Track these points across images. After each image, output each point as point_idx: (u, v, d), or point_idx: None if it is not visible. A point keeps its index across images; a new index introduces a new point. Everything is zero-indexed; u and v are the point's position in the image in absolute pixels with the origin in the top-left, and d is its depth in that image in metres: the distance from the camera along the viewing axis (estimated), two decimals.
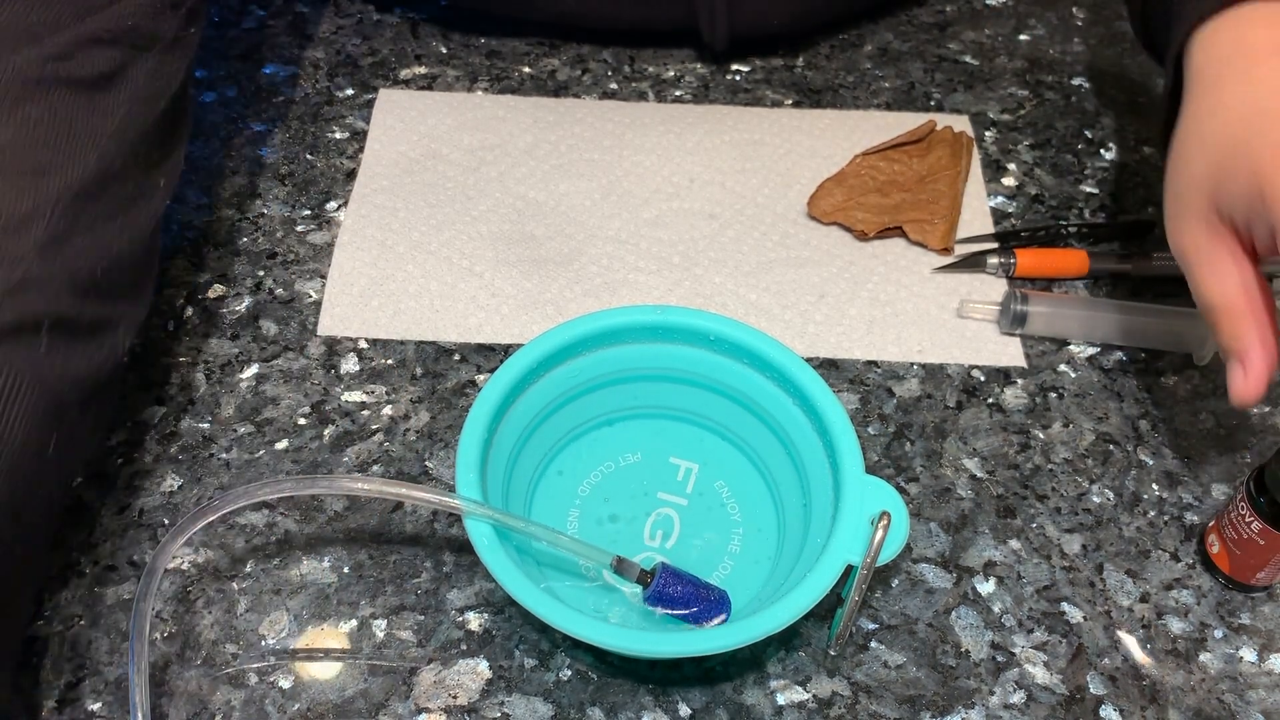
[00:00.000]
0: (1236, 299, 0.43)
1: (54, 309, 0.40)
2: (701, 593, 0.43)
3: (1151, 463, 0.52)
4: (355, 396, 0.52)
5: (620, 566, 0.42)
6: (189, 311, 0.55)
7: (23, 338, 0.38)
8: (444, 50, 0.69)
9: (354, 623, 0.45)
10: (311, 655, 0.44)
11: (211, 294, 0.56)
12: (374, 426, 0.51)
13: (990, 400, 0.54)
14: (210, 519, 0.41)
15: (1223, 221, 0.43)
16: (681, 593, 0.42)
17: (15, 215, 0.40)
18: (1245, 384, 0.42)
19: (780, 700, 0.44)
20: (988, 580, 0.48)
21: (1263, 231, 0.41)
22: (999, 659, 0.45)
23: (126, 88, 0.46)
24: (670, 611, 0.43)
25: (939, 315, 0.57)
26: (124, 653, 0.44)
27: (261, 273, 0.57)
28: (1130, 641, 0.46)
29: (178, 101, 0.50)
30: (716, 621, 0.43)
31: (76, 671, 0.43)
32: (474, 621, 0.45)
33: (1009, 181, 0.64)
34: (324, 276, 0.57)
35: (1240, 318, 0.42)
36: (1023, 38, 0.73)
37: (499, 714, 0.43)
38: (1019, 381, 0.55)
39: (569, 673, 0.44)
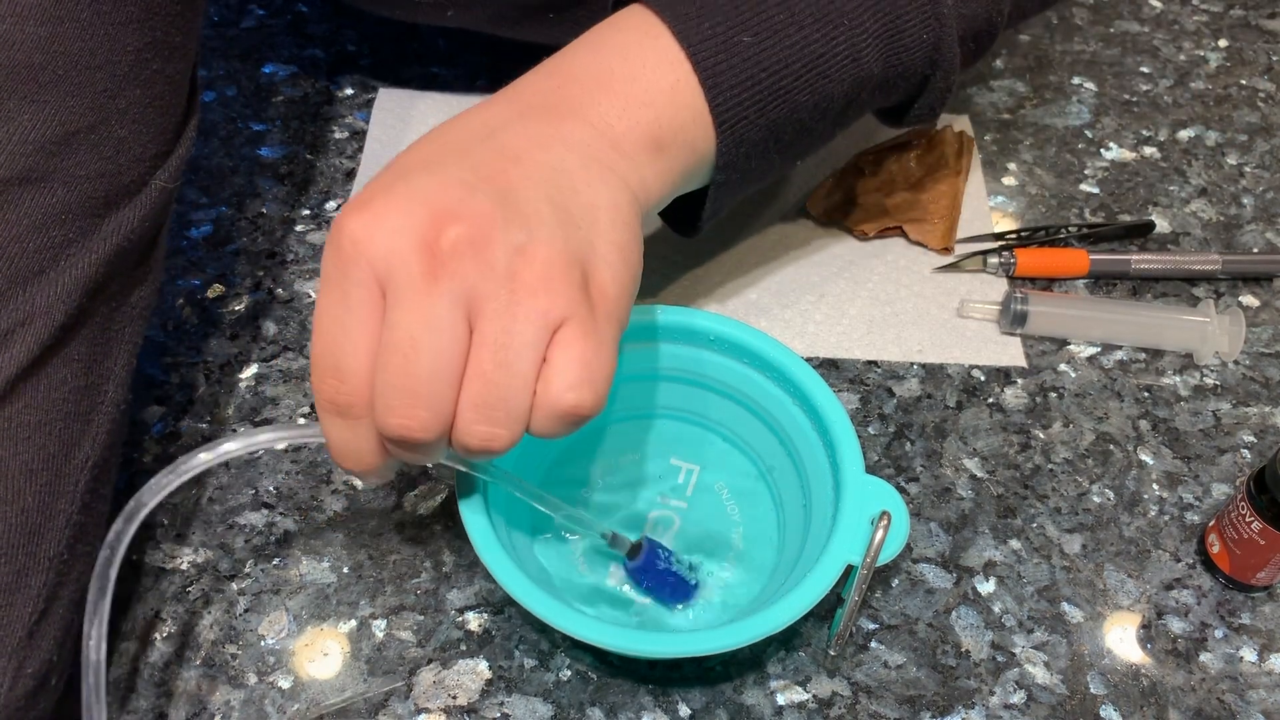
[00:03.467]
0: None
1: None
2: (673, 577, 0.45)
3: (1151, 462, 0.52)
4: None
5: (614, 542, 0.44)
6: (188, 311, 0.55)
7: None
8: (444, 49, 0.69)
9: (353, 623, 0.45)
10: (311, 655, 0.44)
11: (211, 294, 0.56)
12: None
13: (990, 400, 0.54)
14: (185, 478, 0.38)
15: None
16: (661, 570, 0.44)
17: None
18: None
19: (780, 700, 0.44)
20: (988, 580, 0.47)
21: None
22: (999, 659, 0.45)
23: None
24: (648, 588, 0.45)
25: (939, 315, 0.57)
26: (122, 653, 0.44)
27: (261, 272, 0.57)
28: (1130, 641, 0.46)
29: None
30: (678, 606, 0.45)
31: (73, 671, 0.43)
32: (474, 621, 0.45)
33: (1009, 181, 0.64)
34: None
35: None
36: (1023, 37, 0.73)
37: (499, 714, 0.43)
38: (1019, 381, 0.55)
39: (569, 673, 0.44)
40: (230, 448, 0.38)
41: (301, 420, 0.51)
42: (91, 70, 0.38)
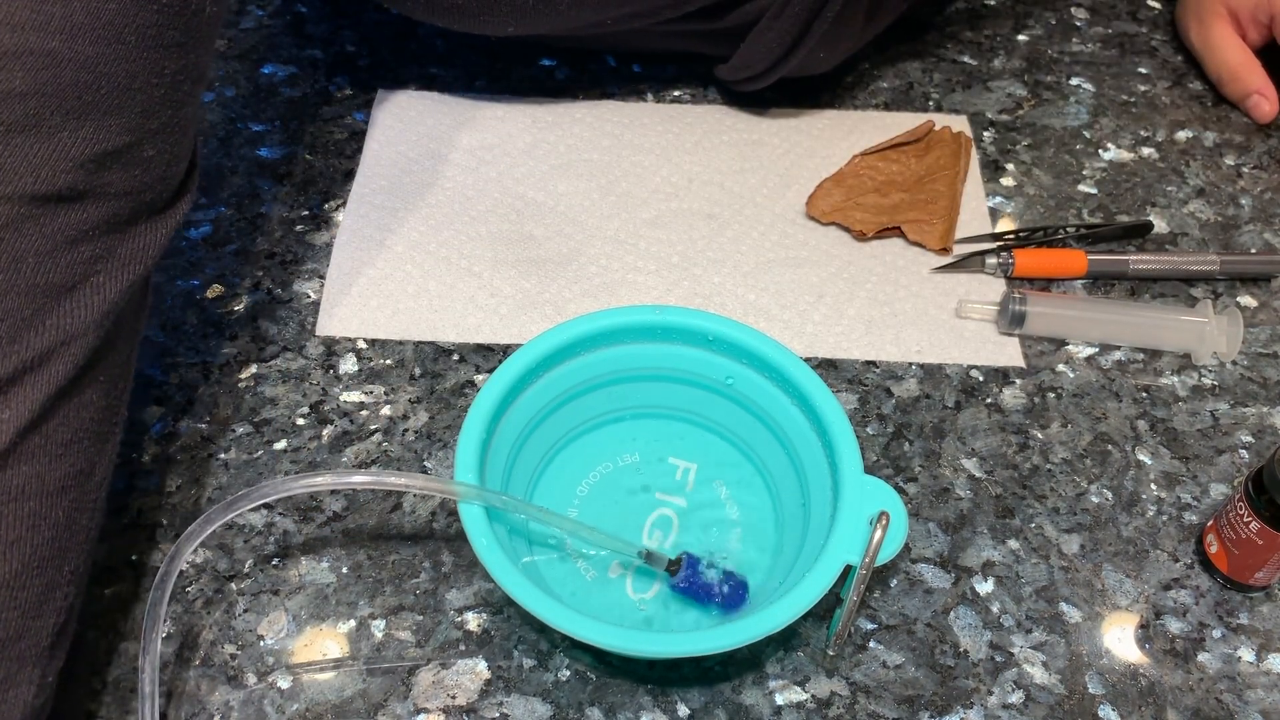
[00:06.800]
0: (1249, 59, 0.67)
1: None
2: (724, 579, 0.44)
3: (1150, 462, 0.52)
4: (354, 396, 0.52)
5: (650, 559, 0.44)
6: (187, 312, 0.55)
7: None
8: (443, 50, 0.69)
9: (353, 623, 0.45)
10: (310, 656, 0.44)
11: (210, 294, 0.56)
12: (372, 426, 0.51)
13: (989, 400, 0.54)
14: (235, 513, 0.41)
15: (1229, 14, 0.68)
16: (707, 579, 0.44)
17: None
18: (1270, 106, 0.66)
19: (779, 700, 0.44)
20: (986, 580, 0.48)
21: (1264, 19, 0.67)
22: (998, 659, 0.45)
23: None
24: (696, 599, 0.44)
25: (937, 315, 0.57)
26: (121, 653, 0.44)
27: (260, 273, 0.57)
28: (1129, 641, 0.46)
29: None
30: (739, 607, 0.44)
31: (75, 671, 0.43)
32: (473, 622, 0.45)
33: (1007, 182, 0.64)
34: (322, 276, 0.57)
35: (1254, 68, 0.67)
36: (1021, 38, 0.73)
37: (497, 714, 0.43)
38: (1017, 381, 0.55)
39: (568, 673, 0.44)
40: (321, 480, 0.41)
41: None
42: (132, 92, 0.39)
